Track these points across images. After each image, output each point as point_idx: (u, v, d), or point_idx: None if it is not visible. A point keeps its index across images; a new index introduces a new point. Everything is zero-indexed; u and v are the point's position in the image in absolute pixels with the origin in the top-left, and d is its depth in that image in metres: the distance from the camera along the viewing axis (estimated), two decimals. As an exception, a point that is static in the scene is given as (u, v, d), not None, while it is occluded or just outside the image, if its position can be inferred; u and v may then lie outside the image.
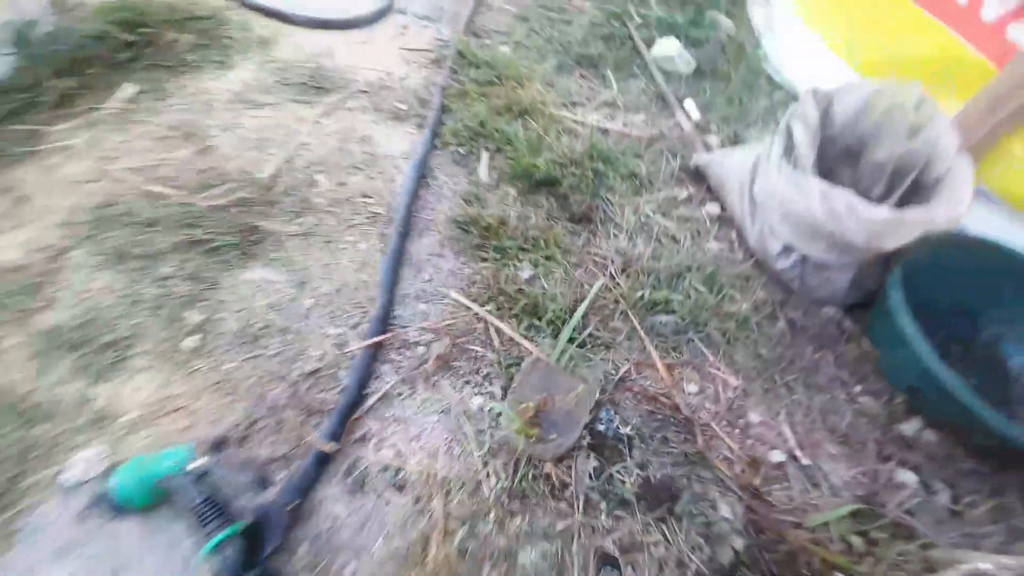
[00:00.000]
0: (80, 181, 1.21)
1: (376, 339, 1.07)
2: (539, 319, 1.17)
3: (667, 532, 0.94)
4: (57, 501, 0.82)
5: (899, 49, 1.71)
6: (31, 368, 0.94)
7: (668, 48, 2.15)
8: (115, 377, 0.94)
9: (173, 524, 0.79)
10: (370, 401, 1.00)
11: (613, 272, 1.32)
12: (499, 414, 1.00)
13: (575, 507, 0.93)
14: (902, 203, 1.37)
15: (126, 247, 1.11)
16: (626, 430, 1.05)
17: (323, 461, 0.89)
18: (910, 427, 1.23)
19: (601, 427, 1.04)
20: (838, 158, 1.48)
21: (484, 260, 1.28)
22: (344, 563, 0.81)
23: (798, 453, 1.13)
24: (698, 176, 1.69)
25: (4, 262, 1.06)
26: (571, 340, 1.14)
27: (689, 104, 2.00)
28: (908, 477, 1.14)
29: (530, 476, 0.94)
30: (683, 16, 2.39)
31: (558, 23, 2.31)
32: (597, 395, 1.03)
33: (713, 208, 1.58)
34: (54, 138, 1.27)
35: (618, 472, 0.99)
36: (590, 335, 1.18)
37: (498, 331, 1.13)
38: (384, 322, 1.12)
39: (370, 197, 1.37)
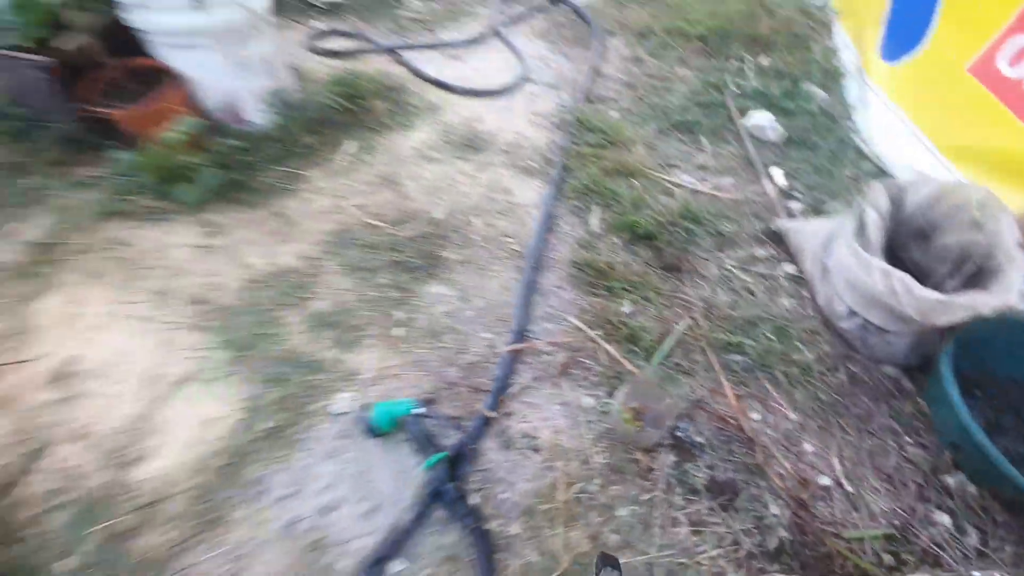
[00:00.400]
0: (326, 212, 1.76)
1: (516, 346, 1.48)
2: (636, 345, 1.52)
3: (726, 518, 1.24)
4: (327, 424, 1.30)
5: (981, 139, 1.86)
6: (306, 337, 1.45)
7: (760, 118, 2.42)
8: (356, 349, 1.43)
9: (402, 447, 1.24)
10: (513, 389, 1.41)
11: (696, 315, 1.63)
12: (605, 412, 1.36)
13: (657, 485, 1.26)
14: (968, 283, 1.55)
15: (357, 261, 1.62)
16: (699, 439, 1.36)
17: (486, 423, 1.30)
18: (953, 479, 1.41)
19: (680, 433, 1.36)
20: (911, 237, 1.69)
21: (595, 295, 1.65)
22: (500, 491, 1.21)
23: (844, 481, 1.37)
24: (777, 239, 1.95)
25: (284, 265, 1.61)
26: (660, 364, 1.47)
27: (775, 171, 2.25)
28: (943, 518, 1.34)
29: (625, 458, 1.29)
30: (778, 87, 2.64)
31: (661, 90, 2.65)
32: (679, 409, 1.36)
33: (789, 268, 1.83)
34: (307, 180, 1.85)
35: (691, 468, 1.30)
36: (675, 363, 1.51)
37: (605, 351, 1.49)
38: (521, 334, 1.52)
39: (510, 237, 1.80)
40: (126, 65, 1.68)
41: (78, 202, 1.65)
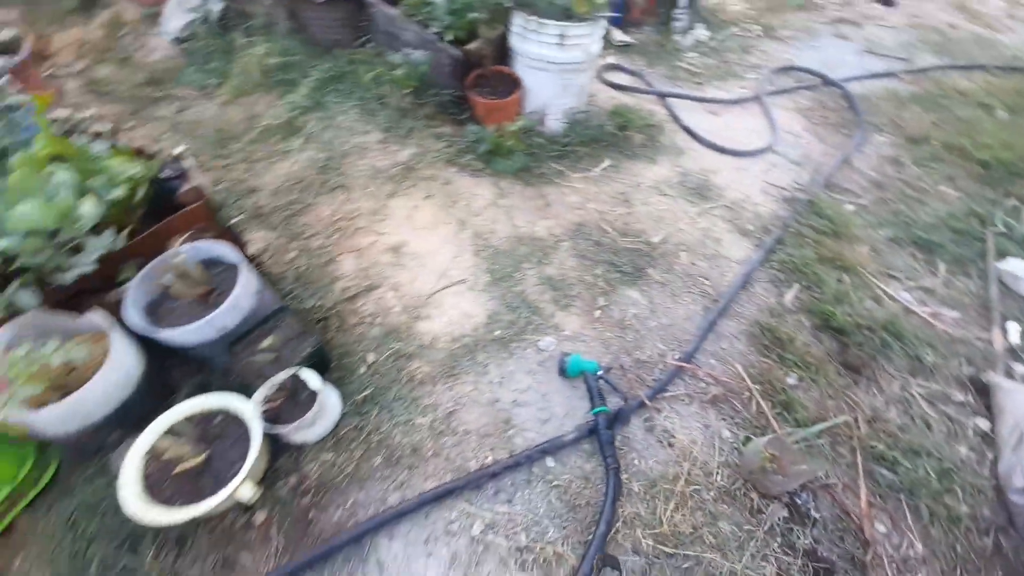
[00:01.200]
0: (574, 207, 2.23)
1: (683, 364, 1.75)
2: (788, 413, 1.65)
3: (814, 584, 1.35)
4: (533, 352, 1.76)
5: None
6: (536, 289, 1.94)
7: (1021, 268, 2.15)
8: (564, 311, 1.87)
9: (577, 391, 1.64)
10: (667, 393, 1.69)
11: (860, 418, 1.67)
12: (743, 445, 1.55)
13: (761, 526, 1.43)
14: None
15: (584, 250, 2.06)
16: (815, 513, 1.47)
17: (641, 405, 1.62)
18: None
19: (799, 500, 1.49)
20: None
21: (765, 357, 1.81)
22: (633, 457, 1.53)
23: (950, 630, 1.34)
24: (982, 390, 1.80)
25: (536, 233, 2.13)
26: (805, 438, 1.59)
27: (1013, 326, 2.01)
28: None
29: (742, 491, 1.49)
30: (1063, 241, 2.27)
31: (911, 201, 2.50)
32: (809, 478, 1.48)
33: (981, 423, 1.71)
34: (568, 179, 2.35)
35: (798, 531, 1.43)
36: (820, 444, 1.60)
37: (757, 404, 1.67)
38: (690, 357, 1.78)
39: (707, 280, 2.04)
40: (495, 69, 2.36)
41: (433, 146, 2.42)
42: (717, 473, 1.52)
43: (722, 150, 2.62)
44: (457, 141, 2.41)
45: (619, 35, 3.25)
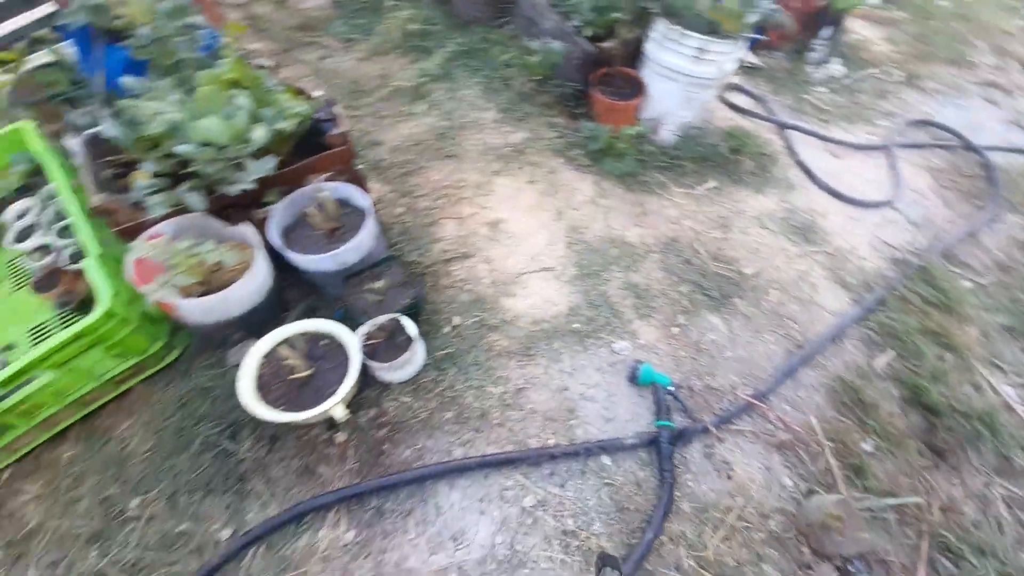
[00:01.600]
0: (671, 221, 2.17)
1: (754, 401, 1.68)
2: (857, 477, 1.55)
3: (850, 654, 1.29)
4: (606, 352, 1.75)
5: None
6: (630, 293, 1.92)
7: None
8: (643, 320, 1.84)
9: (644, 401, 1.63)
10: (733, 426, 1.64)
11: (934, 503, 1.54)
12: (806, 497, 1.48)
13: (806, 581, 1.37)
14: None
15: (673, 266, 2.01)
16: (866, 585, 1.39)
17: (704, 430, 1.58)
18: None
19: (852, 568, 1.40)
20: None
21: (843, 416, 1.69)
22: (688, 478, 1.50)
23: None
24: (1085, 513, 1.60)
25: (628, 239, 2.09)
26: (871, 508, 1.49)
27: None
28: None
29: (793, 542, 1.42)
30: None
31: (1040, 292, 2.22)
32: (866, 549, 1.39)
33: (1074, 546, 1.52)
34: (670, 192, 2.28)
35: (844, 596, 1.36)
36: (885, 516, 1.50)
37: (826, 461, 1.57)
38: (763, 396, 1.70)
39: (795, 323, 1.93)
40: (621, 70, 2.32)
41: (545, 134, 2.42)
42: (771, 519, 1.46)
43: (836, 194, 2.43)
44: (568, 134, 2.40)
45: (749, 57, 3.06)
